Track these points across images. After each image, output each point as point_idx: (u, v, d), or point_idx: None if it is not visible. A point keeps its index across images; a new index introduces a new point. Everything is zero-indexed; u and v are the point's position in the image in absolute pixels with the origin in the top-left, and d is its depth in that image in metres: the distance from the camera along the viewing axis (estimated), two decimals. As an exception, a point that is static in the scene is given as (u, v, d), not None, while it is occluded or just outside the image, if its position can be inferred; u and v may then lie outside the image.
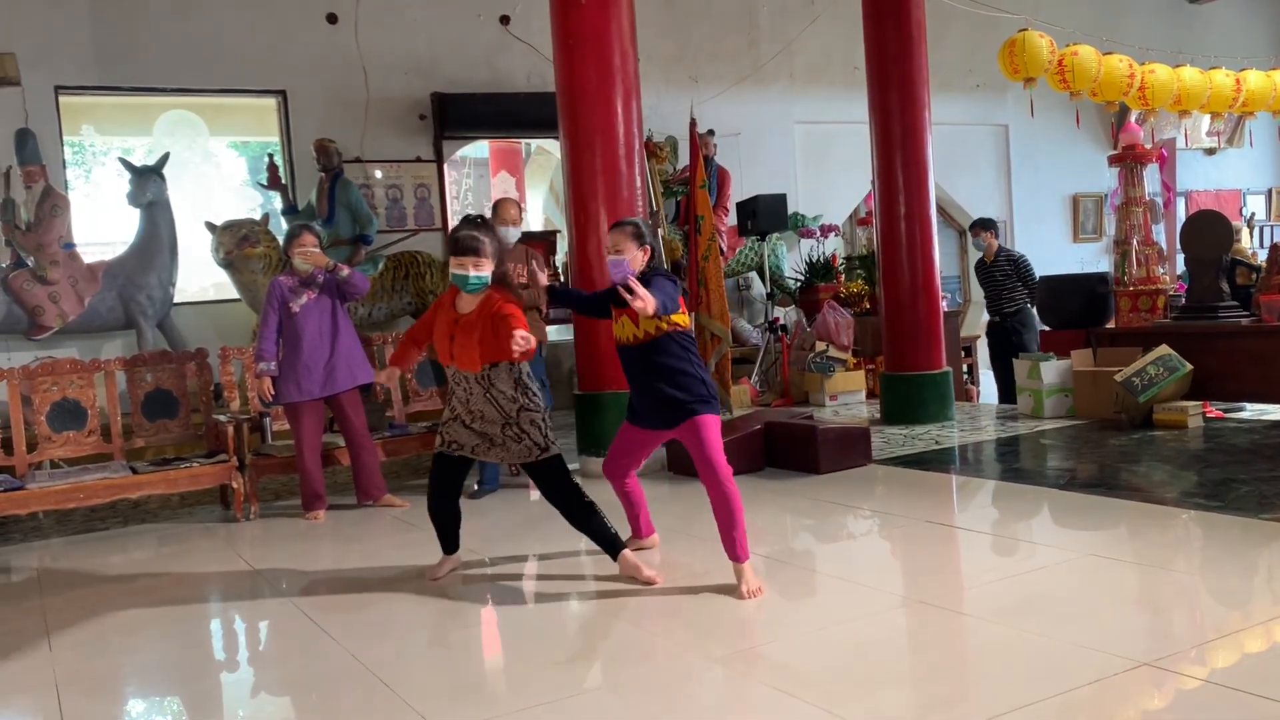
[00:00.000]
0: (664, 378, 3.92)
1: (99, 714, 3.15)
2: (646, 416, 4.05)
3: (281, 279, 5.64)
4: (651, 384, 3.95)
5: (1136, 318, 7.95)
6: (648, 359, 3.95)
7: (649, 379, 3.95)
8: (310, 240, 5.61)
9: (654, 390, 3.94)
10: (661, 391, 3.92)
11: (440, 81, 9.44)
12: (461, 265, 3.97)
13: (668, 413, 3.95)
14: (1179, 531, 4.50)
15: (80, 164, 10.70)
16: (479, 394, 4.08)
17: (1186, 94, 9.24)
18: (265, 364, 5.54)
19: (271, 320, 5.57)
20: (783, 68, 11.21)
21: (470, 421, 4.13)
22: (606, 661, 3.39)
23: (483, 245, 4.02)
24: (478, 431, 4.13)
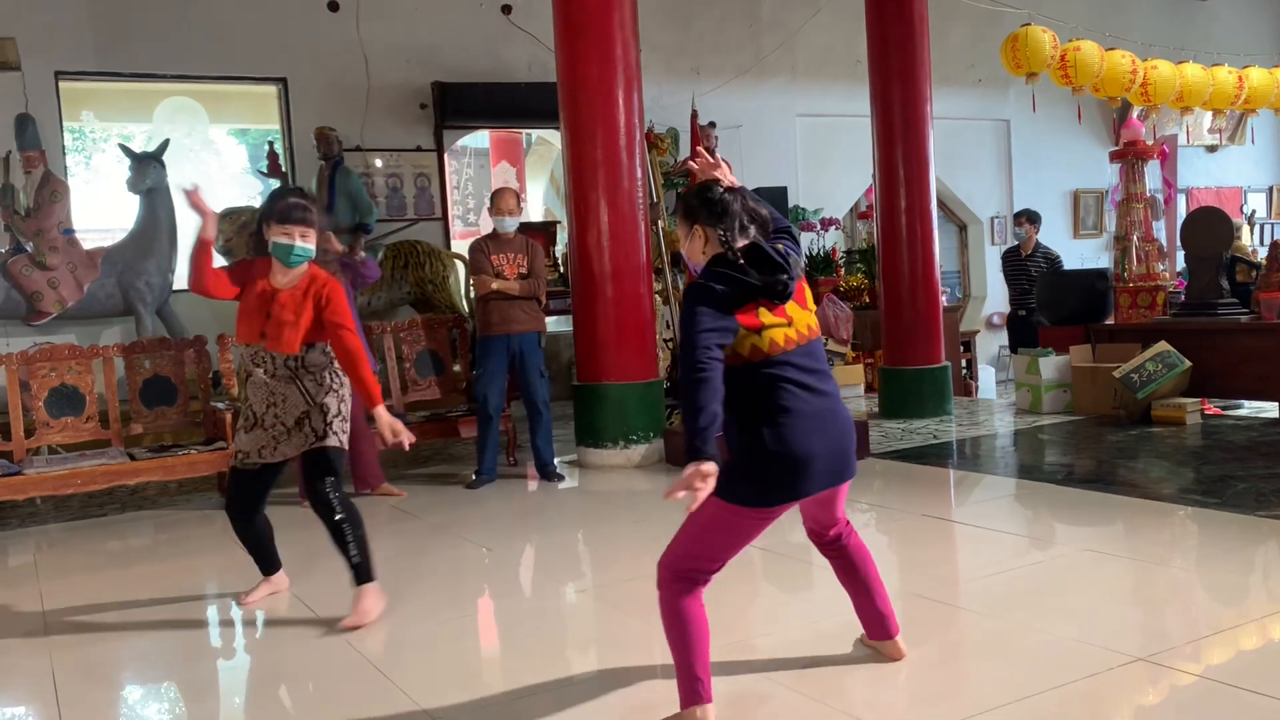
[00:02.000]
0: (837, 400, 2.66)
1: (95, 699, 3.15)
2: (820, 472, 2.58)
3: None
4: (832, 413, 2.61)
5: (1136, 314, 7.94)
6: (821, 370, 2.64)
7: (826, 404, 2.60)
8: None
9: (835, 424, 2.61)
10: (842, 424, 2.64)
11: (441, 70, 9.41)
12: (287, 234, 3.60)
13: (847, 458, 2.67)
14: (1176, 528, 4.51)
15: (80, 150, 10.68)
16: (284, 377, 3.70)
17: (1189, 90, 9.21)
18: None
19: None
20: (784, 60, 11.18)
21: (262, 414, 3.72)
22: (602, 650, 3.39)
23: (312, 215, 3.69)
24: (267, 427, 3.71)
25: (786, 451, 2.50)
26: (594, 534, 4.93)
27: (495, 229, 6.01)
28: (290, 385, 3.71)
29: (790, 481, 2.53)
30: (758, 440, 2.51)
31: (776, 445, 2.50)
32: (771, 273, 2.51)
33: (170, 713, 3.14)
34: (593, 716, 2.81)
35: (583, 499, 5.83)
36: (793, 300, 2.57)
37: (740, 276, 2.49)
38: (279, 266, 3.69)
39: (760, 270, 2.51)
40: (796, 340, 2.55)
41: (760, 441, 2.51)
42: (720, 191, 2.61)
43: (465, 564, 4.47)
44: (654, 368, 6.52)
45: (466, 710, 2.83)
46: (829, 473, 2.58)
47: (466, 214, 12.85)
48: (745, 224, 2.59)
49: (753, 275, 2.50)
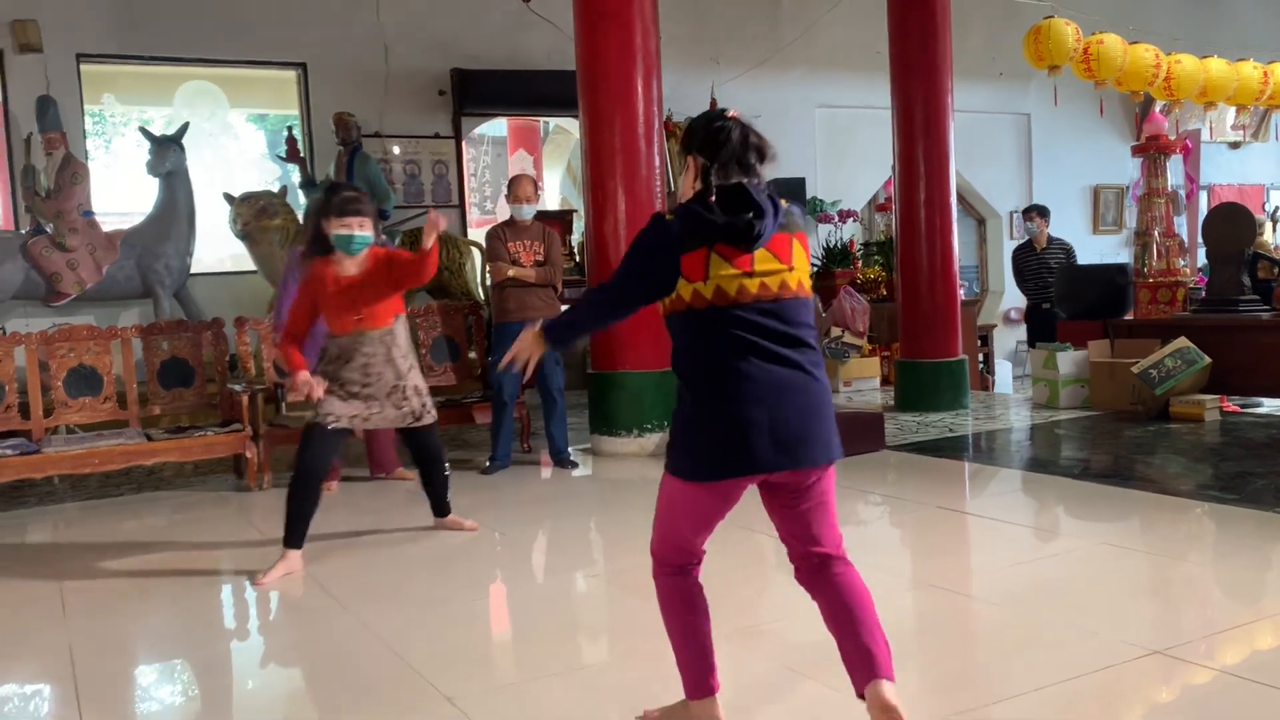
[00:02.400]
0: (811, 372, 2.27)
1: (111, 676, 3.17)
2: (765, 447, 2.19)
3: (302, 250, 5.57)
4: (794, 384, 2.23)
5: (1155, 310, 7.88)
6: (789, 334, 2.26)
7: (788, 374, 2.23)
8: None
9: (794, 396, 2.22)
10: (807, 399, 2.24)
11: (460, 57, 9.40)
12: (347, 226, 4.03)
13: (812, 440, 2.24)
14: (1193, 523, 4.48)
15: (100, 134, 10.71)
16: (381, 355, 4.14)
17: (1213, 85, 9.12)
18: None
19: (293, 291, 5.49)
20: (804, 51, 11.12)
21: (358, 390, 4.12)
22: (614, 635, 3.39)
23: (366, 205, 4.14)
24: (364, 399, 4.14)
25: (718, 417, 2.17)
26: (607, 520, 4.94)
27: (512, 216, 6.00)
28: (386, 361, 4.16)
29: (724, 454, 2.18)
30: (688, 403, 2.24)
31: (707, 409, 2.19)
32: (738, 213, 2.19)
33: (185, 689, 3.16)
34: (605, 701, 2.81)
35: (596, 486, 5.83)
36: (768, 251, 2.22)
37: (703, 214, 2.20)
38: (343, 256, 4.10)
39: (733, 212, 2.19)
40: (757, 294, 2.20)
41: (692, 404, 2.23)
42: (722, 120, 2.30)
43: (479, 549, 4.48)
44: (664, 358, 6.50)
45: (480, 693, 2.83)
46: (779, 451, 2.17)
47: (483, 202, 12.85)
48: (743, 161, 2.26)
49: (716, 214, 2.19)
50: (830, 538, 2.33)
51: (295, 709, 2.93)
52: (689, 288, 2.21)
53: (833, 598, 2.33)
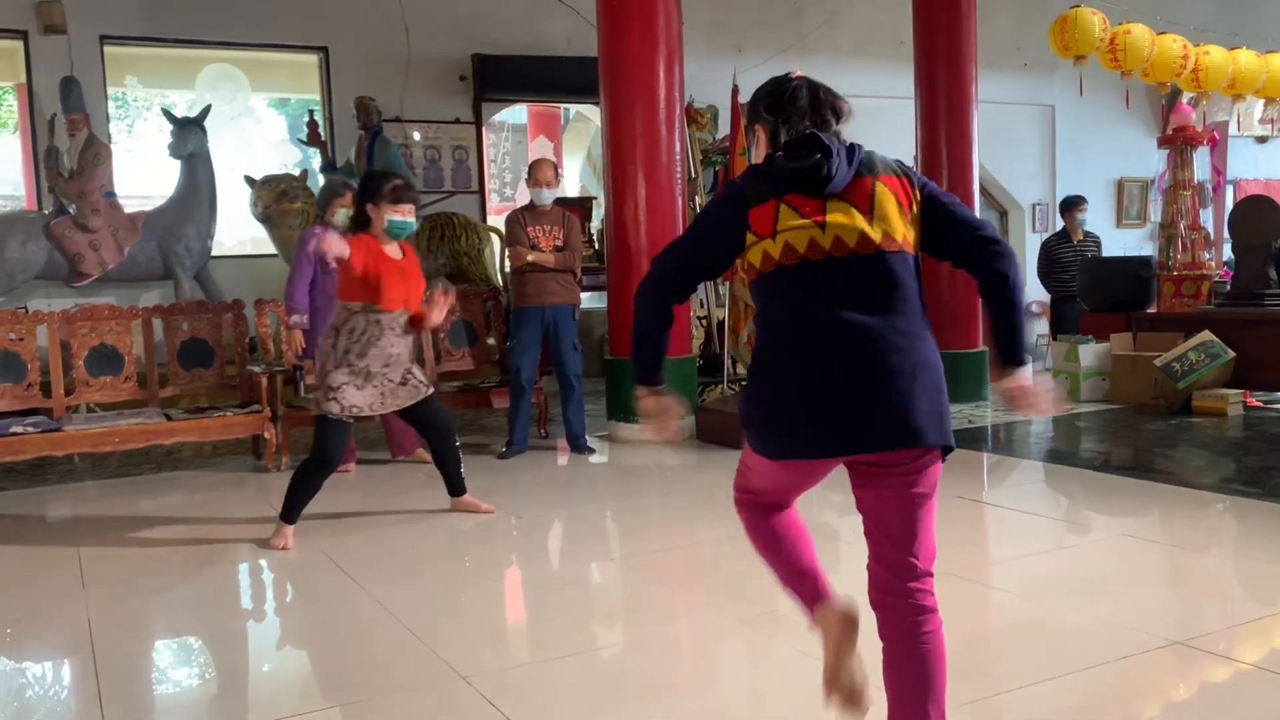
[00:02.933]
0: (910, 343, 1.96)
1: (129, 650, 3.19)
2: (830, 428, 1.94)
3: (316, 231, 5.46)
4: (886, 354, 1.92)
5: (1179, 303, 7.80)
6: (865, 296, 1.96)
7: (880, 343, 1.93)
8: (351, 199, 5.50)
9: (887, 368, 1.92)
10: (888, 371, 1.92)
11: (481, 43, 9.39)
12: (402, 213, 4.20)
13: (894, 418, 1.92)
14: (1215, 517, 4.43)
15: (123, 118, 10.76)
16: (399, 334, 4.25)
17: (1241, 78, 9.00)
18: (299, 316, 5.44)
19: (306, 272, 5.45)
20: (827, 39, 11.05)
21: (374, 372, 4.19)
22: (630, 618, 3.39)
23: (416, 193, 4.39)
24: (376, 385, 4.22)
25: (771, 393, 1.97)
26: (623, 506, 4.93)
27: (532, 201, 5.99)
28: (407, 344, 4.29)
29: (781, 432, 1.97)
30: (758, 374, 2.02)
31: (774, 383, 1.97)
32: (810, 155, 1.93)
33: (201, 664, 3.18)
34: (618, 683, 2.81)
35: (613, 472, 5.83)
36: (845, 200, 1.94)
37: (769, 165, 2.00)
38: (386, 239, 4.22)
39: (801, 157, 1.95)
40: (829, 250, 1.92)
41: (761, 376, 2.00)
42: (789, 82, 2.07)
43: (495, 532, 4.48)
44: (687, 344, 6.49)
45: (495, 672, 2.83)
46: (856, 430, 1.91)
47: (503, 188, 12.85)
48: (816, 120, 2.01)
49: (783, 164, 1.96)
50: (924, 551, 2.03)
51: (311, 686, 2.93)
52: (758, 250, 1.97)
53: (906, 654, 2.02)
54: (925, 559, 2.03)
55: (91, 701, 2.77)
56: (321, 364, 4.22)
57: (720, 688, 2.80)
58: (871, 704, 2.07)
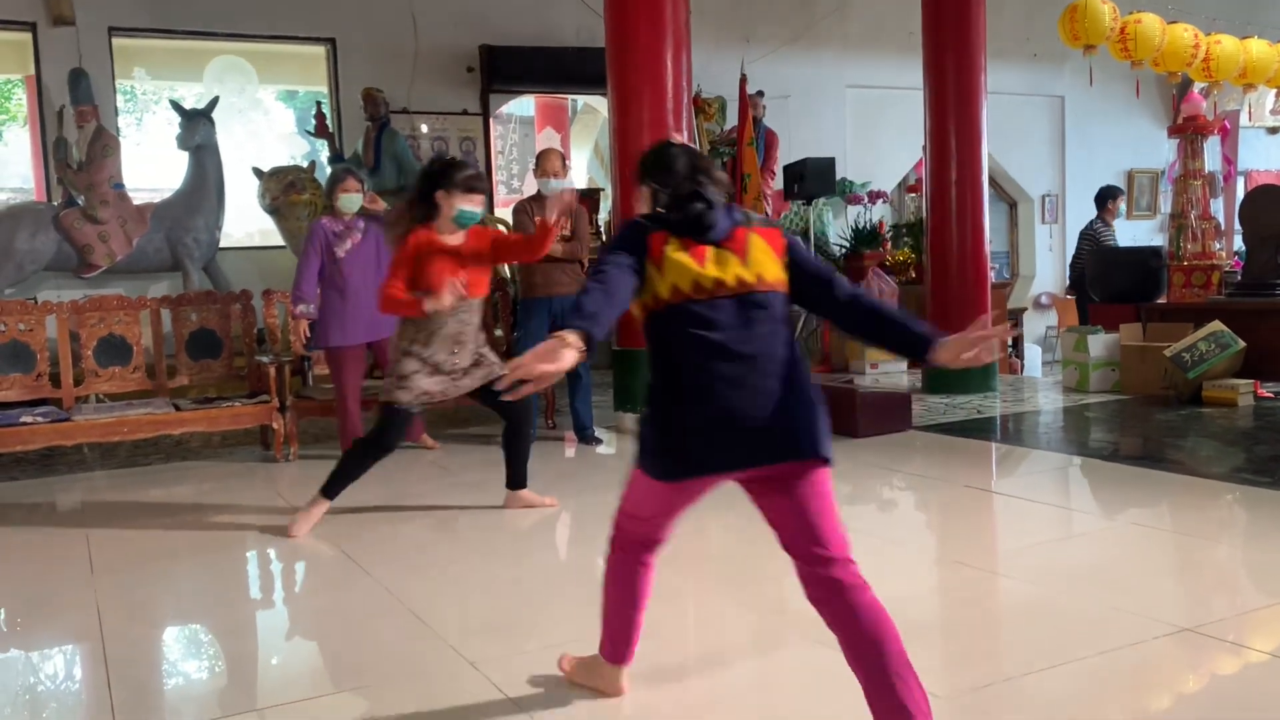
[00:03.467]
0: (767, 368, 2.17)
1: (137, 636, 3.20)
2: (724, 445, 2.15)
3: (324, 221, 5.50)
4: (750, 381, 2.14)
5: (1190, 293, 7.77)
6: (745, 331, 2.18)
7: (742, 368, 2.14)
8: (354, 185, 5.52)
9: (750, 393, 2.14)
10: (768, 394, 2.15)
11: (489, 34, 9.39)
12: (474, 202, 4.19)
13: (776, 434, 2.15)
14: (1225, 506, 4.42)
15: (131, 111, 10.79)
16: (474, 324, 4.25)
17: (1253, 67, 8.95)
18: (305, 306, 5.42)
19: (314, 263, 5.44)
20: (836, 30, 11.02)
21: (443, 360, 4.18)
22: (638, 607, 3.38)
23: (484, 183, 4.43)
24: (446, 371, 4.21)
25: (669, 416, 2.16)
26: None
27: (539, 190, 5.98)
28: (476, 330, 4.28)
29: (677, 454, 2.16)
30: (647, 401, 2.22)
31: (660, 409, 2.19)
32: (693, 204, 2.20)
33: (210, 651, 3.19)
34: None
35: (620, 463, 5.82)
36: (725, 248, 2.18)
37: (658, 213, 2.25)
38: (450, 227, 4.17)
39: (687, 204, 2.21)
40: (711, 291, 2.14)
41: (649, 403, 2.21)
42: (670, 147, 2.34)
43: (502, 522, 4.48)
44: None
45: (503, 660, 2.84)
46: (743, 448, 2.12)
47: (510, 180, 12.85)
48: (696, 183, 2.24)
49: (671, 213, 2.22)
50: (835, 540, 2.16)
51: (320, 672, 2.94)
52: (650, 288, 2.17)
53: (854, 632, 2.12)
54: (838, 547, 2.16)
55: (101, 687, 2.78)
56: (393, 352, 4.25)
57: (728, 673, 2.80)
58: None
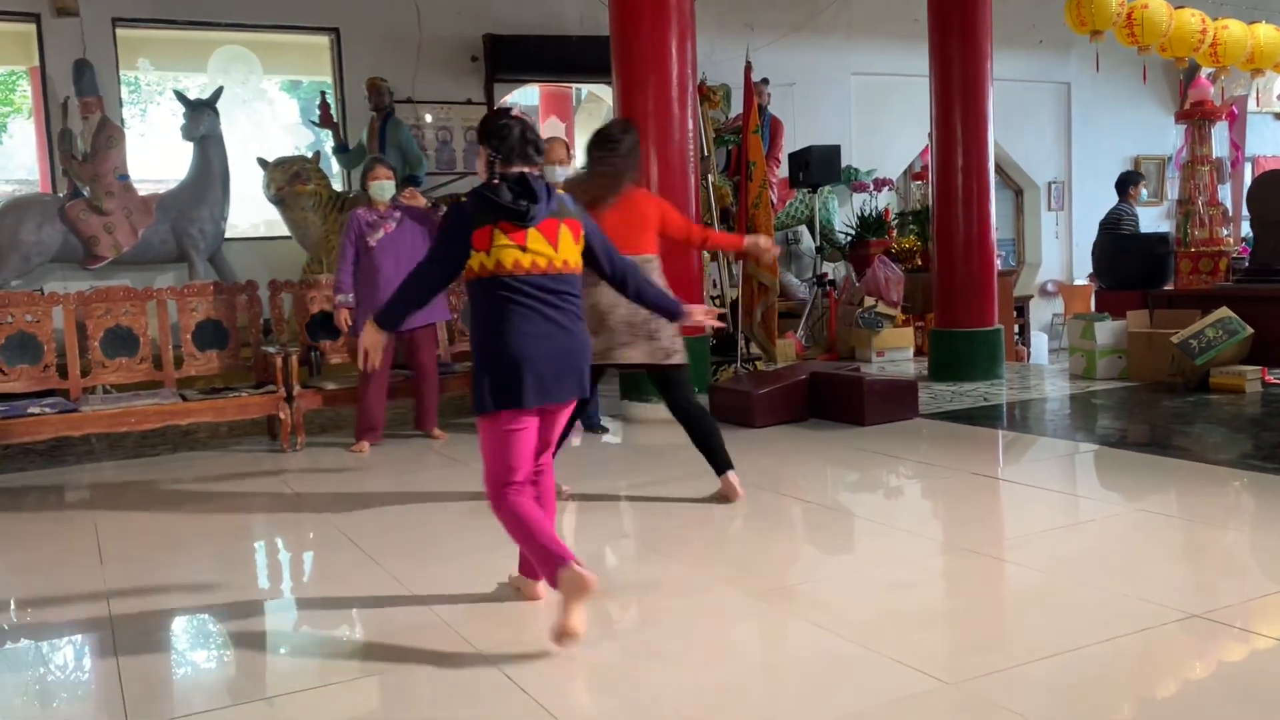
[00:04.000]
0: (573, 329, 2.96)
1: (147, 625, 3.21)
2: (536, 383, 2.86)
3: (359, 211, 5.69)
4: (558, 337, 2.90)
5: (1197, 280, 7.74)
6: (556, 303, 2.91)
7: (553, 328, 2.89)
8: (384, 173, 5.72)
9: (558, 345, 2.89)
10: (568, 348, 2.92)
11: (493, 23, 9.36)
12: None
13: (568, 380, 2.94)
14: (1233, 492, 4.41)
15: (136, 102, 10.79)
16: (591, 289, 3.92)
17: (1261, 52, 8.90)
18: (343, 295, 5.63)
19: (349, 253, 5.64)
20: (841, 17, 10.98)
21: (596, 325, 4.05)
22: (645, 594, 3.38)
23: None
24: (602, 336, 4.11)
25: (499, 359, 2.84)
26: (637, 484, 4.93)
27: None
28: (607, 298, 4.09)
29: (505, 387, 2.84)
30: (478, 348, 2.88)
31: (490, 353, 2.85)
32: (519, 199, 2.81)
33: (220, 640, 3.20)
34: (634, 657, 2.81)
35: (626, 451, 5.83)
36: (539, 232, 2.85)
37: (489, 196, 2.83)
38: None
39: (516, 196, 2.82)
40: (529, 269, 2.85)
41: (480, 349, 2.88)
42: (506, 119, 2.93)
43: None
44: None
45: (513, 649, 2.85)
46: (546, 387, 2.87)
47: (515, 170, 12.83)
48: (524, 153, 2.88)
49: (502, 196, 2.81)
50: (549, 446, 3.12)
51: (331, 662, 2.94)
52: (477, 259, 2.84)
53: (543, 499, 3.12)
54: (549, 454, 3.15)
55: (111, 676, 2.79)
56: None
57: (735, 661, 2.80)
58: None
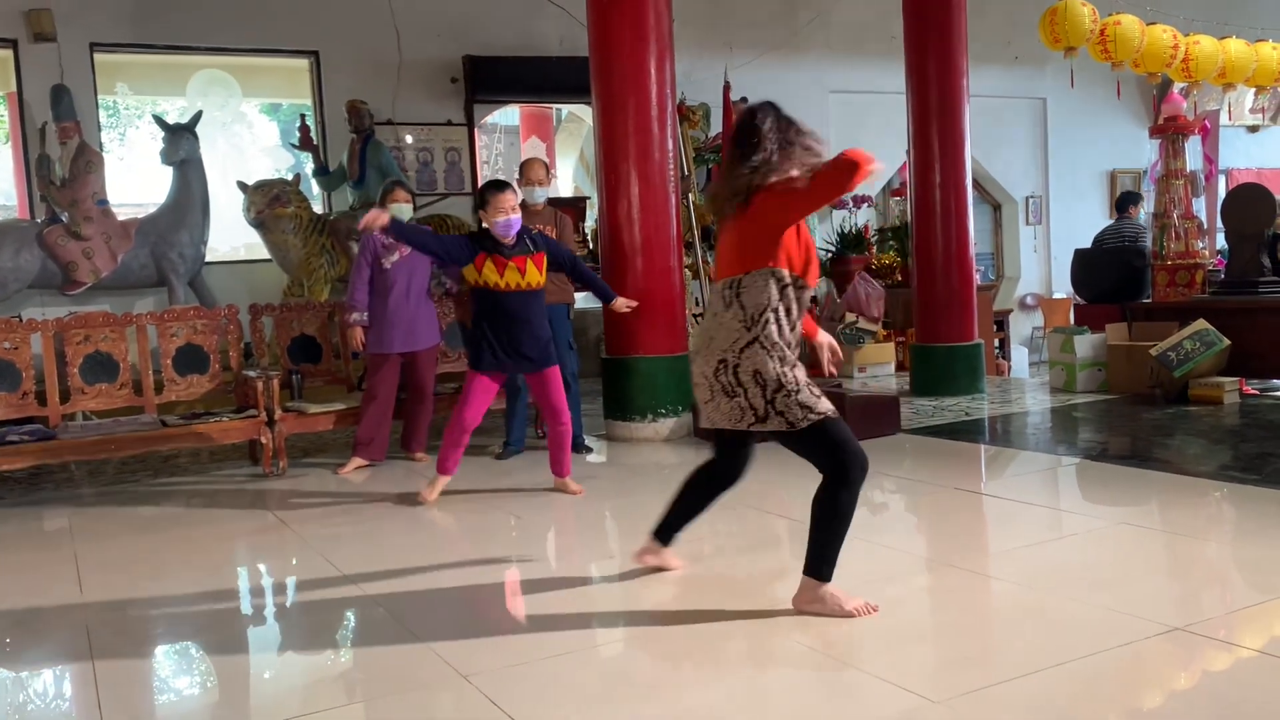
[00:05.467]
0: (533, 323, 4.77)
1: (127, 655, 3.18)
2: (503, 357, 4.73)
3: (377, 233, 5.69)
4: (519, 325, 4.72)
5: (1174, 292, 7.82)
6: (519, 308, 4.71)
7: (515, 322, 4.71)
8: (403, 195, 5.79)
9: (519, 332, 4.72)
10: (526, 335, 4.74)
11: (472, 44, 9.39)
12: None
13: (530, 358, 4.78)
14: (1213, 503, 4.44)
15: (114, 126, 10.76)
16: None
17: (1231, 66, 9.02)
18: (357, 314, 5.70)
19: (363, 272, 5.72)
20: (818, 35, 11.07)
21: None
22: (630, 615, 3.38)
23: None
24: None
25: (480, 338, 4.72)
26: (621, 504, 4.93)
27: (524, 200, 5.96)
28: None
29: (489, 360, 4.72)
30: (469, 329, 5.01)
31: (475, 333, 4.77)
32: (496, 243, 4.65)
33: (202, 670, 3.17)
34: (618, 679, 2.80)
35: (611, 470, 5.82)
36: (515, 266, 4.65)
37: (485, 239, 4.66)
38: None
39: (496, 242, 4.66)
40: (505, 288, 4.66)
41: (470, 331, 4.94)
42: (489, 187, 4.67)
43: (494, 531, 4.47)
44: (683, 342, 6.48)
45: (496, 672, 2.83)
46: (513, 361, 4.75)
47: (496, 190, 12.84)
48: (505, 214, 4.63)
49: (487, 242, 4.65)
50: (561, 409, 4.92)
51: (314, 688, 2.92)
52: (475, 274, 4.67)
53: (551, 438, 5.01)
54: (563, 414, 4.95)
55: (91, 707, 2.76)
56: None
57: (722, 683, 2.80)
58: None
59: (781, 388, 2.97)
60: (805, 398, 2.98)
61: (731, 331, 3.01)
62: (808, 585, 3.07)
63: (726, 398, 3.04)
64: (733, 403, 3.03)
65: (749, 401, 3.00)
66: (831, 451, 3.01)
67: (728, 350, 3.02)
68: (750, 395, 2.99)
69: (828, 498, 3.03)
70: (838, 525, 3.04)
